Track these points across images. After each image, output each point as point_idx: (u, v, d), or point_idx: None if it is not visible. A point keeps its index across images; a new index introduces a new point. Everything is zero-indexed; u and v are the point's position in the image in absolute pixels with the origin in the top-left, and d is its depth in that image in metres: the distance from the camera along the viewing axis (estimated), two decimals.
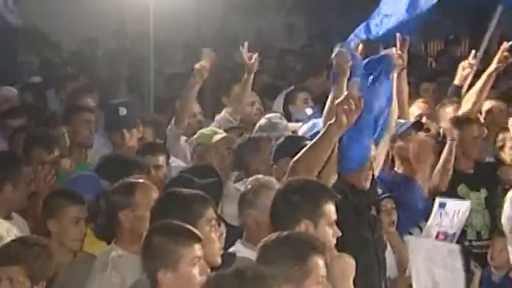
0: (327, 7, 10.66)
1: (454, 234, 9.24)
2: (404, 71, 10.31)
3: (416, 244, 7.62)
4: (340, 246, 6.31)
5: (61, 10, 22.01)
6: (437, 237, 8.95)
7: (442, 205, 8.50)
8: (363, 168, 7.89)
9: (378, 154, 8.44)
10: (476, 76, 11.85)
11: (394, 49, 9.01)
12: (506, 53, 11.21)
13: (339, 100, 7.04)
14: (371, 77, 8.27)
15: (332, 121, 7.01)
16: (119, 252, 7.19)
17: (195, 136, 10.31)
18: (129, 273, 6.86)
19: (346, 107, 6.86)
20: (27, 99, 13.84)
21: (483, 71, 11.53)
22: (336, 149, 7.50)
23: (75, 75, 15.77)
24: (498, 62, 11.17)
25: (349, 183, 7.96)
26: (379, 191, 9.09)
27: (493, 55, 11.55)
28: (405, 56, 9.81)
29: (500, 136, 10.85)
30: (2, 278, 6.45)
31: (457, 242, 9.15)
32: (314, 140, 7.34)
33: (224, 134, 10.24)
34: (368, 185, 8.19)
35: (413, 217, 9.82)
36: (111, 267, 7.08)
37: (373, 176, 8.57)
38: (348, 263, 5.79)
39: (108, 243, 7.56)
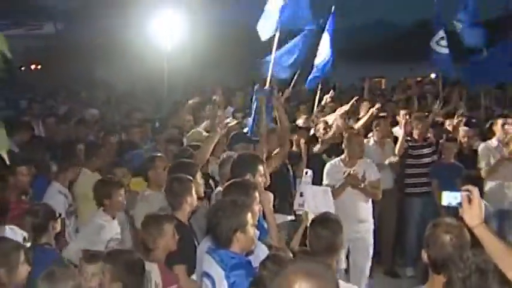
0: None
1: None
2: None
3: (306, 188, 7.55)
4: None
5: (113, 65, 21.86)
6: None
7: (306, 172, 8.36)
8: None
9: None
10: None
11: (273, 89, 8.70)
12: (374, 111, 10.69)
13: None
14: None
15: None
16: (149, 191, 7.17)
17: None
18: (154, 202, 6.79)
19: None
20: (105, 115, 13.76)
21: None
22: None
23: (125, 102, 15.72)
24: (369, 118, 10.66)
25: None
26: None
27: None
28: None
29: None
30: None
31: None
32: None
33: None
34: None
35: None
36: (145, 198, 7.10)
37: None
38: (269, 195, 5.81)
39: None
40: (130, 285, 4.68)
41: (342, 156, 8.77)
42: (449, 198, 3.52)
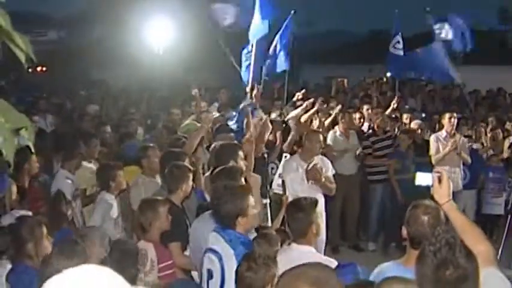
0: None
1: None
2: None
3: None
4: None
5: (109, 66, 21.63)
6: None
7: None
8: None
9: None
10: None
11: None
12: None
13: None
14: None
15: None
16: (143, 177, 7.05)
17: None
18: (148, 187, 6.77)
19: None
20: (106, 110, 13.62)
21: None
22: None
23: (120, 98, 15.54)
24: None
25: None
26: None
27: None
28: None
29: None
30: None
31: None
32: None
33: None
34: None
35: None
36: (140, 184, 6.99)
37: None
38: (257, 178, 5.79)
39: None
40: (123, 272, 4.52)
41: (300, 152, 8.27)
42: (421, 178, 3.51)
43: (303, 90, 11.49)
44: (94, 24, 26.98)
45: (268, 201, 8.07)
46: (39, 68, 25.40)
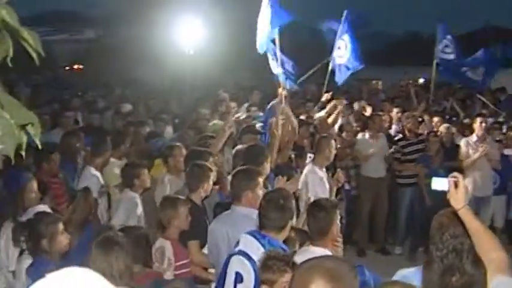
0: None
1: None
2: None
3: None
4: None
5: (143, 65, 21.77)
6: None
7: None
8: None
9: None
10: None
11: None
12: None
13: None
14: None
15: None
16: (168, 176, 7.10)
17: None
18: (173, 186, 6.84)
19: None
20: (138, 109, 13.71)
21: None
22: None
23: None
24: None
25: None
26: None
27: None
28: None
29: None
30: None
31: None
32: None
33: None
34: None
35: None
36: (166, 182, 7.03)
37: None
38: (283, 180, 5.81)
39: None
40: (137, 256, 4.52)
41: (314, 157, 8.00)
42: (438, 183, 3.46)
43: (331, 92, 11.35)
44: (129, 24, 27.26)
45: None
46: (76, 66, 25.83)
